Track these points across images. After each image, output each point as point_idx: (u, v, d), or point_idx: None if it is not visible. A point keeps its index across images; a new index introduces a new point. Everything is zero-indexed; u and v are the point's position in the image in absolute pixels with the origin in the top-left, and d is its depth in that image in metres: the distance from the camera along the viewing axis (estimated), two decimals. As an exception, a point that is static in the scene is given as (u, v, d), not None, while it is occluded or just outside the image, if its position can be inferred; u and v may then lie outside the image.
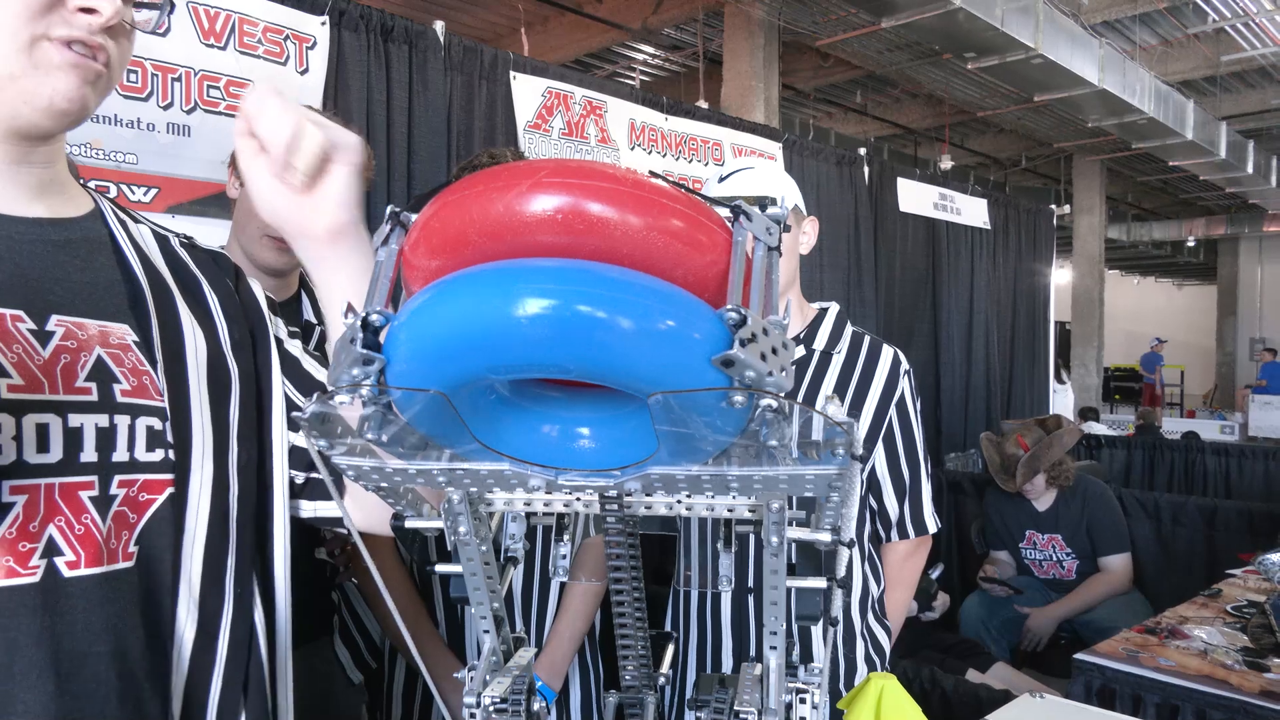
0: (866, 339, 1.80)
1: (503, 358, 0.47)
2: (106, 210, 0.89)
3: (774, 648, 0.72)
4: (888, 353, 1.77)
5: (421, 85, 3.06)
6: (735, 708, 0.68)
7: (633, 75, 8.58)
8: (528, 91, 3.36)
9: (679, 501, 0.69)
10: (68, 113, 0.78)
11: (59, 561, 0.75)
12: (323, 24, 2.84)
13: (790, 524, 0.65)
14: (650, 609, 0.80)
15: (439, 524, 0.69)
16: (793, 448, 0.51)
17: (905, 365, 1.77)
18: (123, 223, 0.90)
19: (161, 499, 0.82)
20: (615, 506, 0.66)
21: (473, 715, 0.72)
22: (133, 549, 0.80)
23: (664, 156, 3.77)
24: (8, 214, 0.80)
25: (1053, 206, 6.74)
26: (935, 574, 3.19)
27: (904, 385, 1.76)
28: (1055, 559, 3.67)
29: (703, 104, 7.26)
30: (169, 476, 0.82)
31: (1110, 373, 16.47)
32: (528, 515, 0.81)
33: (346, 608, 1.78)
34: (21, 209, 0.81)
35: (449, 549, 0.70)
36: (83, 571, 0.76)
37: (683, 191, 0.51)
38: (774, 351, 0.48)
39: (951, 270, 5.45)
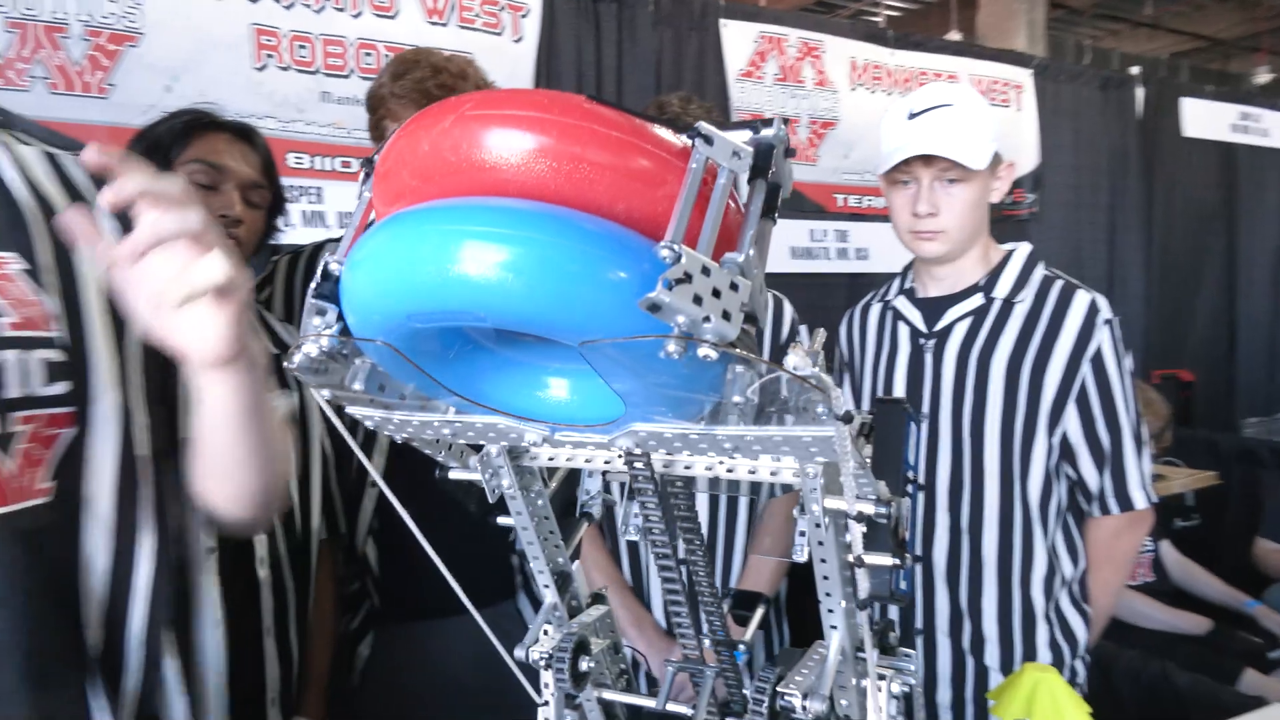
0: (1058, 284, 1.57)
1: (417, 305, 0.45)
2: None
3: (834, 627, 0.65)
4: (1082, 299, 1.54)
5: (630, 42, 3.07)
6: (779, 688, 0.62)
7: (877, 13, 8.10)
8: (739, 38, 3.26)
9: (720, 463, 0.64)
10: None
11: None
12: (535, -9, 2.93)
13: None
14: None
15: (485, 476, 0.69)
16: (752, 403, 0.45)
17: (1106, 314, 1.53)
18: (4, 144, 0.86)
19: (70, 432, 0.81)
20: (642, 465, 0.63)
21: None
22: (47, 484, 0.80)
23: (889, 95, 3.52)
24: None
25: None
26: None
27: (1102, 337, 1.52)
28: (1377, 546, 3.05)
29: (955, 35, 6.71)
30: (73, 409, 0.81)
31: None
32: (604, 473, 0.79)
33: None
34: None
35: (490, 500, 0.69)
36: None
37: (629, 117, 0.45)
38: (714, 294, 0.42)
39: (1254, 203, 4.63)
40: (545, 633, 0.79)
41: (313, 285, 0.50)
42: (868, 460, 0.66)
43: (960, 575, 1.60)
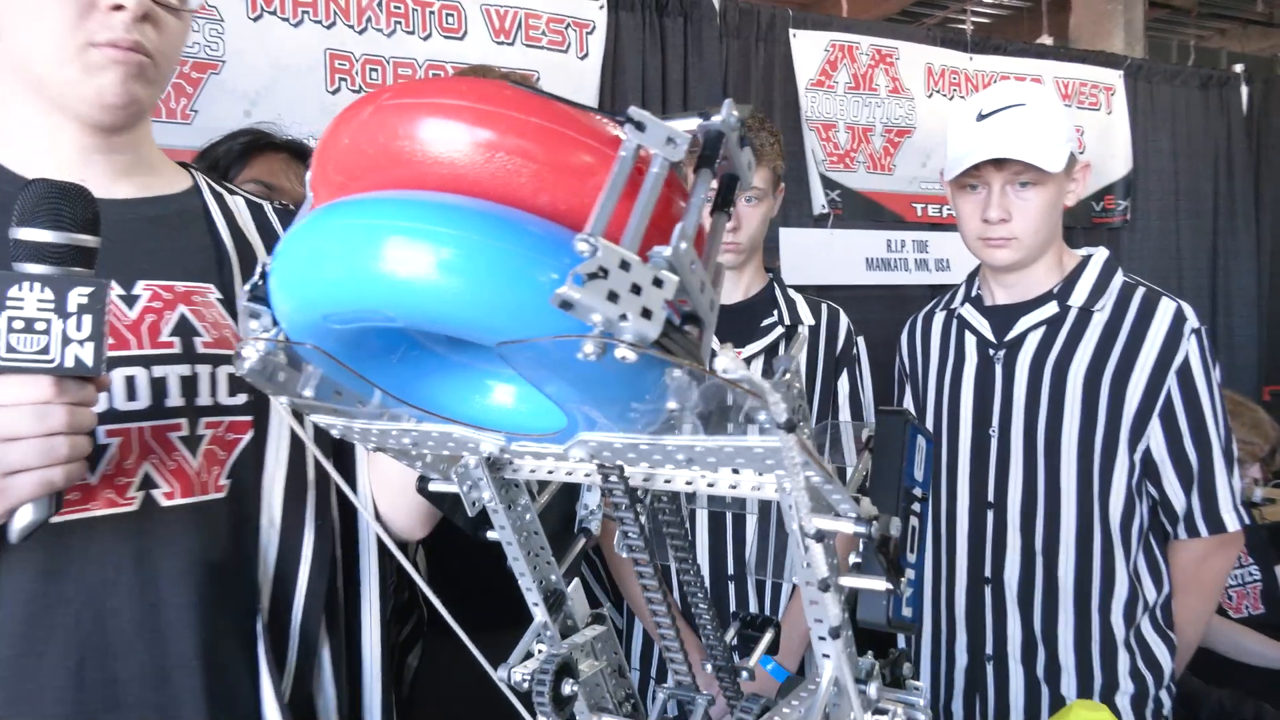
0: (1139, 291, 1.47)
1: (327, 305, 0.43)
2: (204, 186, 1.02)
3: (826, 655, 0.60)
4: (1167, 308, 1.44)
5: (696, 56, 3.05)
6: (763, 721, 0.58)
7: (963, 20, 7.88)
8: (809, 48, 3.21)
9: (701, 476, 0.60)
10: (118, 107, 0.87)
11: (156, 493, 0.88)
12: (600, 7, 2.94)
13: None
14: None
15: (466, 489, 0.67)
16: (695, 411, 0.41)
17: (1193, 323, 1.42)
18: (218, 195, 1.02)
19: (246, 438, 0.94)
20: (615, 479, 0.59)
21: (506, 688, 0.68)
22: (224, 482, 0.92)
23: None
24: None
25: None
26: None
27: (1189, 348, 1.41)
28: None
29: (1046, 39, 6.47)
30: (250, 418, 0.94)
31: None
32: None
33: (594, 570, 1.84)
34: (104, 191, 0.86)
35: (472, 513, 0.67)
36: (178, 501, 0.89)
37: (556, 103, 0.42)
38: (634, 290, 0.38)
39: (1377, 206, 4.29)
40: (538, 651, 0.76)
41: (246, 287, 0.49)
42: (865, 473, 0.61)
43: (1034, 599, 1.51)
